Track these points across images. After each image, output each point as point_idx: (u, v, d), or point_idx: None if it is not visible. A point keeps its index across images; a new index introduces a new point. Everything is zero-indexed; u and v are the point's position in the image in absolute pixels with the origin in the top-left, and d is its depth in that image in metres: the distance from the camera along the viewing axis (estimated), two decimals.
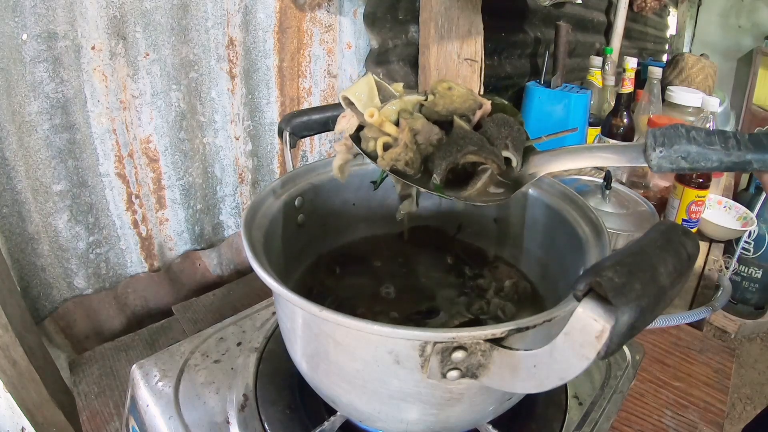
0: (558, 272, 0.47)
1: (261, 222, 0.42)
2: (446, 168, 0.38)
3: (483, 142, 0.38)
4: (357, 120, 0.40)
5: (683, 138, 0.31)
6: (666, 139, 0.31)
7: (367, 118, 0.38)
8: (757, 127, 2.64)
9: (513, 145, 0.39)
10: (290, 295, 0.31)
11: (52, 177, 0.58)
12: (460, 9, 0.93)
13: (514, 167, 0.39)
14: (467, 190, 0.39)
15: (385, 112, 0.39)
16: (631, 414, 0.55)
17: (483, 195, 0.39)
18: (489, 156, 0.38)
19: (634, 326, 0.23)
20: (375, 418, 0.37)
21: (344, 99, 0.40)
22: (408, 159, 0.38)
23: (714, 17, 3.18)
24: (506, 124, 0.39)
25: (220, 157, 0.74)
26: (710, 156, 0.31)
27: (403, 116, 0.39)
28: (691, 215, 0.93)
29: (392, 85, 0.42)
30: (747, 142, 0.30)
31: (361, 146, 0.40)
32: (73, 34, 0.55)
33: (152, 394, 0.46)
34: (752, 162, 0.30)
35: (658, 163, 0.32)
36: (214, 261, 0.83)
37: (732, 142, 0.30)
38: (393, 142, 0.39)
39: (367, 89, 0.40)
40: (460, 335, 0.29)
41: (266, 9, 0.72)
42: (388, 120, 0.39)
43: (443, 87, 0.40)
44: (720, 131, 0.31)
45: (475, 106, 0.41)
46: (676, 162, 0.31)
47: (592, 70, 1.35)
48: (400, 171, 0.39)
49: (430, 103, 0.40)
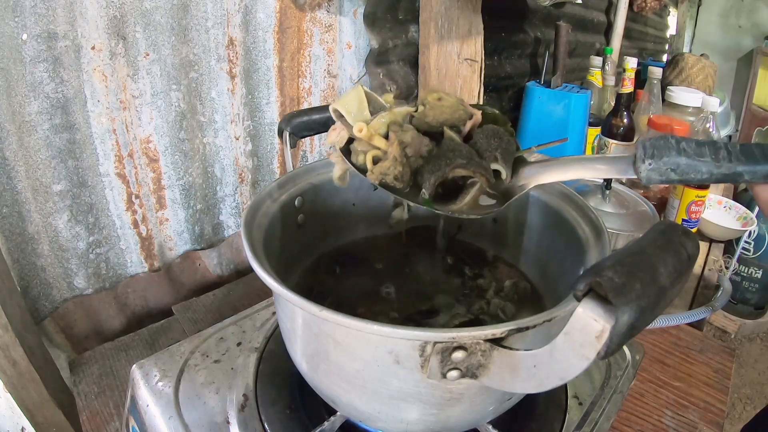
0: (558, 272, 0.47)
1: (261, 222, 0.42)
2: (435, 182, 0.38)
3: (472, 154, 0.38)
4: (347, 133, 0.40)
5: (673, 150, 0.31)
6: (655, 150, 0.31)
7: (356, 133, 0.39)
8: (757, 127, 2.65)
9: (502, 157, 0.39)
10: (290, 295, 0.31)
11: (52, 177, 0.58)
12: (460, 9, 0.93)
13: (504, 179, 0.39)
14: (456, 203, 0.39)
15: (375, 125, 0.39)
16: (631, 414, 0.55)
17: (473, 208, 0.39)
18: (478, 170, 0.38)
19: (634, 326, 0.23)
20: (375, 418, 0.37)
21: (334, 111, 0.40)
22: (397, 173, 0.38)
23: (714, 17, 3.18)
24: (496, 135, 0.39)
25: (220, 157, 0.74)
26: (700, 168, 0.30)
27: (392, 129, 0.39)
28: (691, 215, 0.93)
29: (383, 96, 0.42)
30: (738, 153, 0.30)
31: (351, 159, 0.40)
32: (73, 34, 0.55)
33: (152, 394, 0.46)
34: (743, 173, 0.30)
35: (647, 175, 0.31)
36: (214, 261, 0.83)
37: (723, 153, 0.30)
38: (383, 156, 0.39)
39: (356, 101, 0.40)
40: (460, 335, 0.29)
41: (266, 9, 0.72)
42: (377, 134, 0.39)
43: (433, 98, 0.40)
44: (711, 142, 0.31)
45: (465, 116, 0.41)
46: (665, 174, 0.31)
47: (592, 70, 1.35)
48: (389, 185, 0.39)
49: (420, 114, 0.40)
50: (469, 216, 0.38)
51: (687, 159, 0.30)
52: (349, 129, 0.40)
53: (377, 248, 0.55)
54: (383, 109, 0.41)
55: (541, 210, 0.49)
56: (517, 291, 0.49)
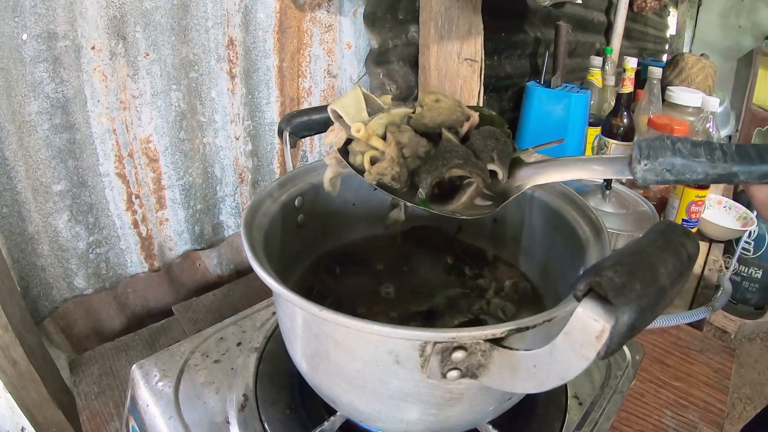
0: (558, 272, 0.47)
1: (261, 222, 0.42)
2: (431, 183, 0.38)
3: (468, 155, 0.38)
4: (345, 134, 0.41)
5: (668, 150, 0.31)
6: (651, 151, 0.31)
7: (354, 133, 0.39)
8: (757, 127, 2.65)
9: (499, 158, 0.39)
10: (290, 295, 0.31)
11: (52, 177, 0.58)
12: (460, 9, 0.93)
13: (500, 180, 0.39)
14: (453, 203, 0.39)
15: (372, 126, 0.39)
16: (631, 414, 0.55)
17: (469, 208, 0.39)
18: (474, 170, 0.38)
19: (634, 326, 0.23)
20: (375, 418, 0.37)
21: (332, 112, 0.40)
22: (394, 173, 0.38)
23: (714, 17, 3.18)
24: (493, 136, 0.40)
25: (220, 157, 0.74)
26: (695, 168, 0.30)
27: (390, 130, 0.39)
28: (691, 215, 0.93)
29: (381, 98, 0.42)
30: (734, 153, 0.30)
31: (349, 160, 0.41)
32: (73, 34, 0.55)
33: (152, 394, 0.46)
34: (738, 174, 0.30)
35: (642, 175, 0.32)
36: (214, 261, 0.83)
37: (718, 154, 0.30)
38: (380, 156, 0.39)
39: (354, 102, 0.40)
40: (460, 335, 0.29)
41: (266, 9, 0.72)
42: (374, 134, 0.39)
43: (430, 99, 0.41)
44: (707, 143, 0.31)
45: (462, 118, 0.41)
46: (661, 174, 0.31)
47: (592, 70, 1.35)
48: (386, 185, 0.39)
49: (417, 115, 0.41)
50: (465, 216, 0.39)
51: (682, 159, 0.30)
52: (347, 130, 0.40)
53: (377, 248, 0.55)
54: (381, 110, 0.41)
55: (541, 210, 0.49)
56: (517, 291, 0.49)
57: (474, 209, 0.39)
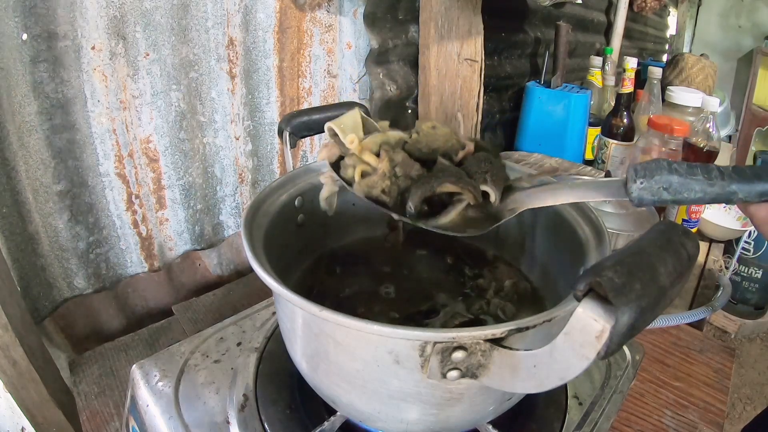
0: (558, 272, 0.47)
1: (261, 222, 0.42)
2: (422, 195, 0.38)
3: (461, 174, 0.39)
4: (338, 150, 0.41)
5: (664, 169, 0.30)
6: (647, 171, 0.31)
7: (348, 144, 0.39)
8: (757, 127, 2.65)
9: (492, 180, 0.39)
10: (290, 295, 0.31)
11: (52, 177, 0.58)
12: (460, 9, 0.93)
13: (493, 202, 0.40)
14: (442, 218, 0.39)
15: (367, 143, 0.40)
16: (631, 414, 0.55)
17: (460, 226, 0.39)
18: (466, 186, 0.38)
19: (634, 326, 0.23)
20: (375, 418, 0.37)
21: (329, 129, 0.41)
22: (385, 186, 0.38)
23: (714, 17, 3.18)
24: (486, 160, 0.40)
25: (220, 157, 0.74)
26: (693, 186, 0.30)
27: (384, 148, 0.40)
28: (691, 215, 0.93)
29: (378, 123, 0.42)
30: (731, 172, 0.30)
31: (340, 174, 0.41)
32: (73, 34, 0.55)
33: (152, 394, 0.46)
34: (737, 192, 0.30)
35: (638, 195, 0.31)
36: (214, 261, 0.83)
37: (715, 173, 0.30)
38: (371, 171, 0.39)
39: (351, 122, 0.41)
40: (460, 335, 0.29)
41: (266, 9, 0.72)
42: (368, 150, 0.40)
43: (427, 126, 0.41)
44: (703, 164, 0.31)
45: (458, 146, 0.41)
46: (657, 193, 0.30)
47: (592, 70, 1.35)
48: (375, 197, 0.39)
49: (413, 140, 0.41)
50: (454, 234, 0.39)
51: (679, 177, 0.30)
52: (342, 147, 0.41)
53: (377, 248, 0.55)
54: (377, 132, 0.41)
55: (541, 210, 0.49)
56: (517, 291, 0.49)
57: (463, 228, 0.39)
